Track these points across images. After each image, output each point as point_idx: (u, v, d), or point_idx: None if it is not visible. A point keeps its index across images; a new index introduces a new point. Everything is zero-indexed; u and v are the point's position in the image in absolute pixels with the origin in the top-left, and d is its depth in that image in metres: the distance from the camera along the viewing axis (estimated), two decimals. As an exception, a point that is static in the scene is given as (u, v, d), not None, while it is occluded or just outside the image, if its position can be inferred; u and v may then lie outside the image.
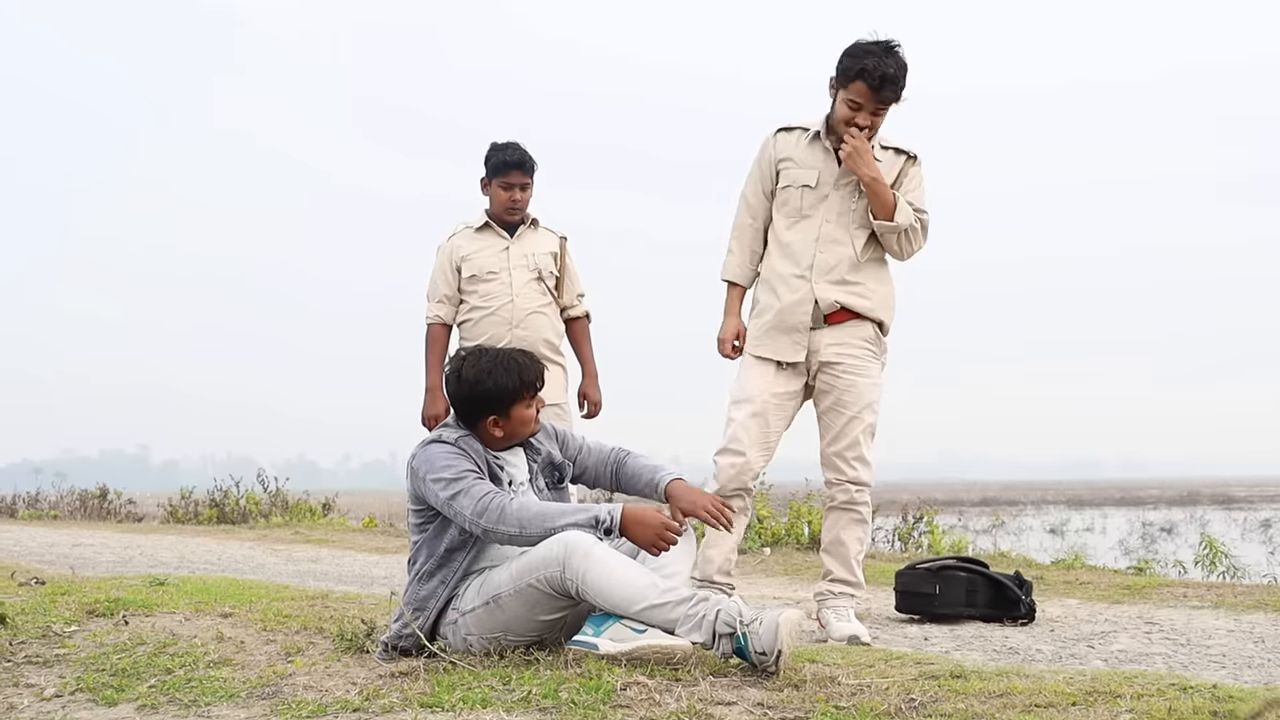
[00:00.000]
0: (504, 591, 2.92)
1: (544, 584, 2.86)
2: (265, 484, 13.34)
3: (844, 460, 3.87)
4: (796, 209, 3.88)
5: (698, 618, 2.72)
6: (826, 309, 3.83)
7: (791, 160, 3.89)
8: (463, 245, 4.58)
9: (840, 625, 3.72)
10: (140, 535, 10.61)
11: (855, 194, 3.85)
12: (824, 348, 3.85)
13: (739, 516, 3.83)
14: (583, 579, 2.79)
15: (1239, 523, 21.26)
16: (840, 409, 3.86)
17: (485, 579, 3.00)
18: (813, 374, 3.89)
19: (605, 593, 2.78)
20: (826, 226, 3.85)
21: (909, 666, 2.78)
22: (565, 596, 2.86)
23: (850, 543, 3.89)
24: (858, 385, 3.85)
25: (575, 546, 2.81)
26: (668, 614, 2.75)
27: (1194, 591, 4.96)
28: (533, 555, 2.89)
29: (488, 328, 4.50)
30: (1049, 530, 20.16)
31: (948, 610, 4.23)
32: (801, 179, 3.87)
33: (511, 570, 2.94)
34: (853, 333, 3.87)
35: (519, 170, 4.51)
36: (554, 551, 2.84)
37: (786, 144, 3.93)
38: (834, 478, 3.90)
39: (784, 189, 3.91)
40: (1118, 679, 2.58)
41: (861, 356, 3.87)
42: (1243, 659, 3.43)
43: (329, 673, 2.94)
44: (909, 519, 8.43)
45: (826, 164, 3.86)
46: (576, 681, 2.63)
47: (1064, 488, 61.95)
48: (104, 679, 3.06)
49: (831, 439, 3.89)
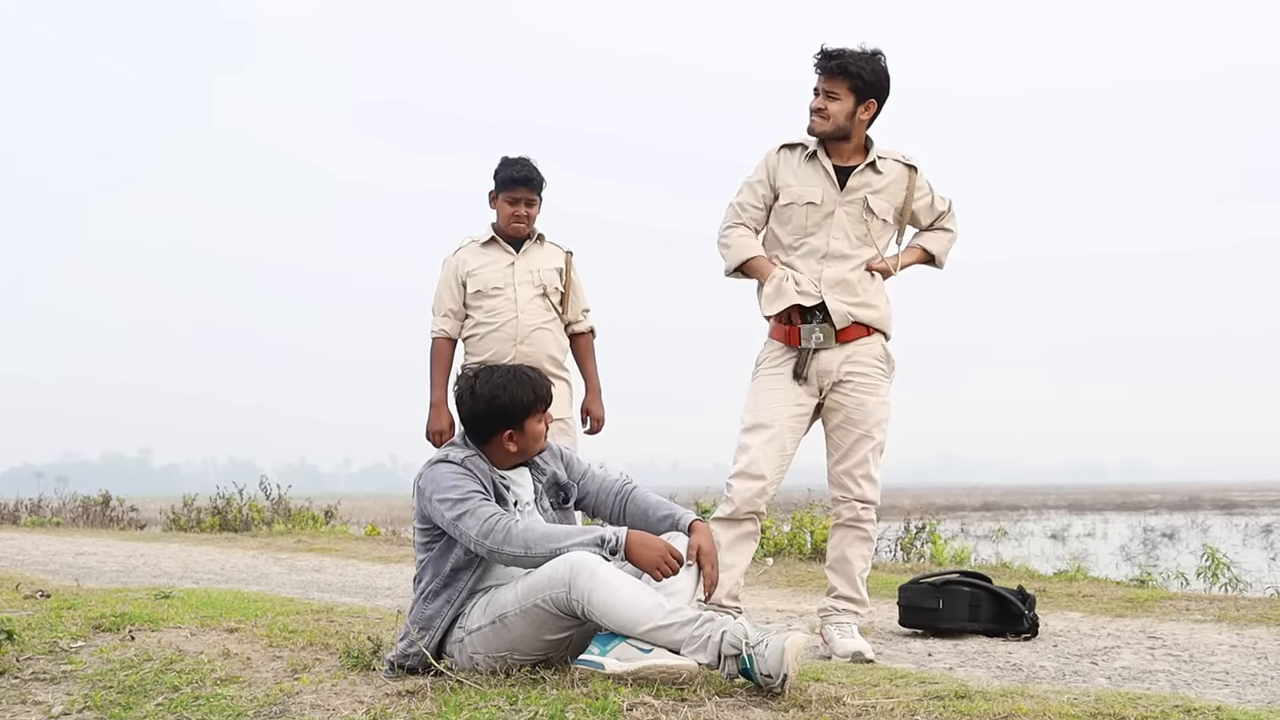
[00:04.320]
0: (510, 611, 2.93)
1: (550, 604, 2.86)
2: (267, 491, 13.36)
3: (852, 479, 3.87)
4: (801, 226, 3.88)
5: (703, 639, 2.73)
6: (840, 323, 3.83)
7: (793, 178, 3.89)
8: (468, 260, 4.59)
9: (845, 641, 3.73)
10: (143, 544, 10.62)
11: (862, 209, 3.86)
12: (836, 366, 3.85)
13: (748, 540, 3.85)
14: (589, 599, 2.80)
15: (1240, 528, 21.28)
16: (850, 427, 3.86)
17: (491, 598, 3.02)
18: (824, 392, 3.88)
19: (611, 613, 2.79)
20: (835, 243, 3.85)
21: (913, 686, 2.79)
22: (571, 616, 2.87)
23: (855, 560, 3.89)
24: (867, 404, 3.85)
25: (581, 567, 2.82)
26: (673, 635, 2.76)
27: (1196, 605, 4.97)
28: (538, 575, 2.90)
29: (492, 343, 4.51)
30: (1050, 536, 20.18)
31: (951, 625, 4.24)
32: (805, 196, 3.86)
33: (517, 590, 2.95)
34: (864, 350, 3.87)
35: (525, 187, 4.51)
36: (560, 572, 2.85)
37: (789, 161, 3.92)
38: (841, 495, 3.90)
39: (786, 206, 3.90)
40: (1122, 700, 2.59)
41: (872, 375, 3.88)
42: (1246, 676, 3.44)
43: (335, 691, 2.95)
44: (911, 528, 8.44)
45: (827, 181, 3.86)
46: (583, 701, 2.64)
47: (1066, 492, 61.96)
48: (111, 696, 3.07)
49: (840, 457, 3.89)
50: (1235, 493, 53.28)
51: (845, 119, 3.80)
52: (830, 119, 3.80)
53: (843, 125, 3.81)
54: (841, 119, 3.80)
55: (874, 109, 3.82)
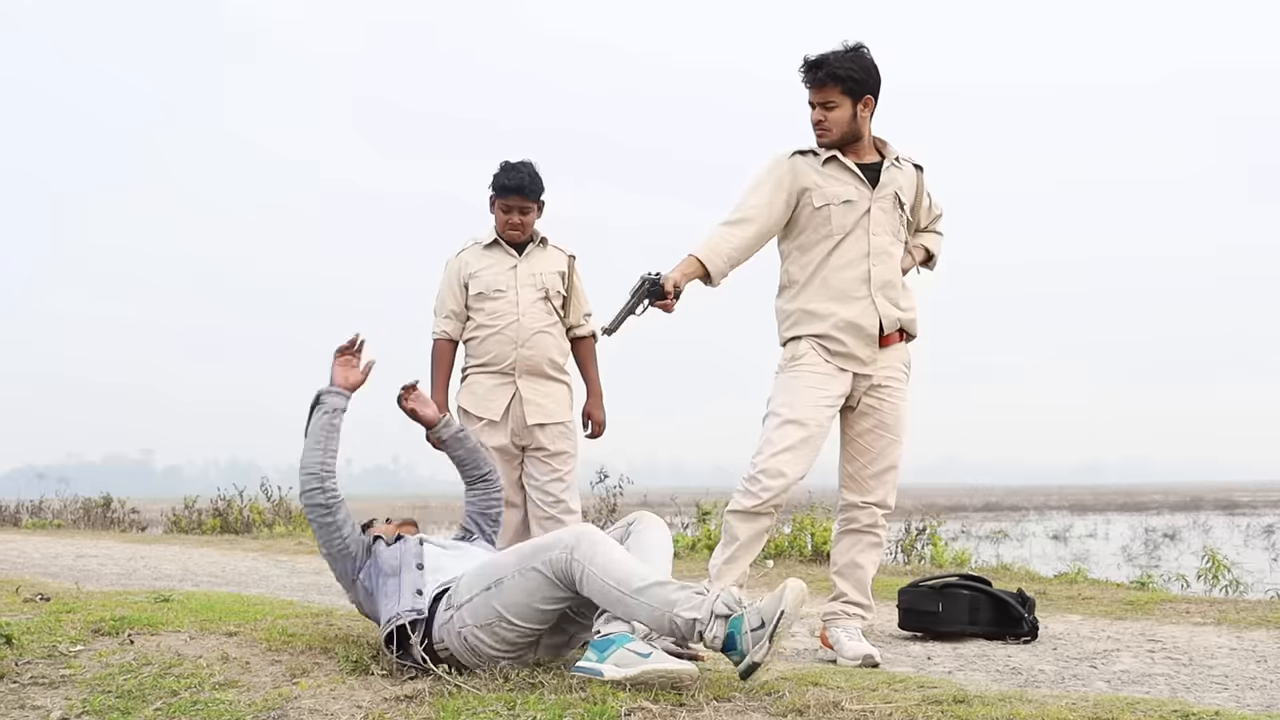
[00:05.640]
0: (507, 575, 3.02)
1: (548, 567, 2.95)
2: (268, 493, 13.37)
3: (880, 482, 3.84)
4: (841, 226, 3.75)
5: (697, 600, 2.79)
6: (889, 328, 3.78)
7: (820, 179, 3.78)
8: (471, 262, 4.59)
9: (853, 645, 3.71)
10: (144, 546, 10.63)
11: (894, 206, 3.82)
12: (876, 371, 3.81)
13: (763, 536, 3.77)
14: (590, 559, 2.90)
15: (1242, 529, 21.28)
16: (882, 431, 3.83)
17: (485, 566, 3.13)
18: (857, 396, 3.81)
19: (610, 571, 2.87)
20: (875, 239, 3.77)
21: (912, 690, 2.79)
22: (566, 586, 2.94)
23: (867, 566, 3.88)
24: (900, 408, 3.85)
25: (589, 532, 2.98)
26: (669, 593, 2.81)
27: (1196, 608, 4.97)
28: (542, 540, 3.05)
29: (493, 345, 4.52)
30: (1052, 536, 20.18)
31: (950, 628, 4.24)
32: (841, 194, 3.75)
33: (520, 552, 3.06)
34: (897, 355, 3.86)
35: (519, 195, 4.49)
36: (564, 538, 2.98)
37: (809, 165, 3.81)
38: (861, 500, 3.85)
39: (820, 209, 3.76)
40: (1120, 705, 2.59)
41: (901, 380, 3.87)
42: (1245, 680, 3.43)
43: (334, 695, 2.95)
44: (911, 530, 8.44)
45: (857, 180, 3.79)
46: (581, 707, 2.64)
47: (1067, 493, 61.96)
48: (110, 701, 3.07)
49: (868, 461, 3.84)
50: (1237, 493, 53.29)
51: (848, 123, 3.76)
52: (833, 128, 3.76)
53: (847, 130, 3.77)
54: (844, 125, 3.76)
55: (872, 104, 3.79)
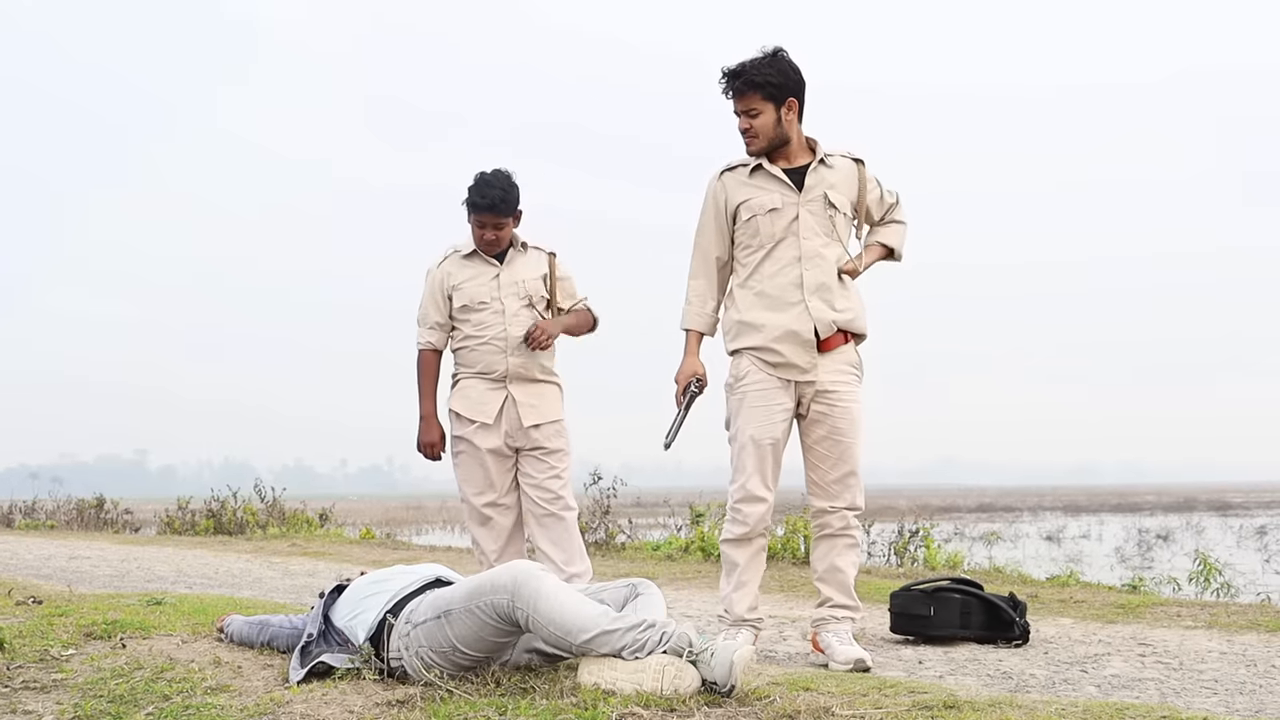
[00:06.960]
0: (455, 609, 2.98)
1: (490, 610, 2.91)
2: (262, 494, 13.35)
3: (844, 486, 3.88)
4: (770, 235, 3.84)
5: (644, 642, 2.77)
6: (825, 332, 3.81)
7: (748, 192, 3.86)
8: (454, 273, 4.57)
9: (844, 649, 3.73)
10: (137, 547, 10.61)
11: (824, 205, 3.84)
12: (820, 376, 3.85)
13: (761, 554, 3.91)
14: (534, 608, 2.83)
15: (1235, 530, 21.34)
16: (837, 438, 3.87)
17: (438, 595, 3.08)
18: (805, 404, 3.88)
19: (556, 621, 2.82)
20: (807, 243, 3.82)
21: (903, 695, 2.79)
22: (514, 626, 2.91)
23: (847, 568, 3.90)
24: (851, 411, 3.87)
25: (528, 576, 2.87)
26: (616, 642, 2.79)
27: (1187, 611, 4.98)
28: (484, 578, 2.97)
29: (483, 355, 4.52)
30: (1046, 537, 20.22)
31: (942, 632, 4.25)
32: (766, 204, 3.83)
33: (465, 588, 3.01)
34: (842, 358, 3.88)
35: (490, 213, 4.45)
36: (502, 580, 2.90)
37: (737, 180, 3.89)
38: (829, 505, 3.90)
39: (748, 221, 3.85)
40: (1110, 710, 2.60)
41: (850, 382, 3.89)
42: (1234, 684, 3.44)
43: (325, 700, 2.95)
44: (904, 532, 8.45)
45: (782, 186, 3.84)
46: (572, 712, 2.64)
47: (1061, 494, 62.04)
48: (101, 705, 3.06)
49: (829, 467, 3.89)
50: (1230, 494, 53.41)
51: (774, 128, 3.81)
52: (760, 135, 3.82)
53: (774, 135, 3.82)
54: (770, 130, 3.81)
55: (796, 106, 3.82)
